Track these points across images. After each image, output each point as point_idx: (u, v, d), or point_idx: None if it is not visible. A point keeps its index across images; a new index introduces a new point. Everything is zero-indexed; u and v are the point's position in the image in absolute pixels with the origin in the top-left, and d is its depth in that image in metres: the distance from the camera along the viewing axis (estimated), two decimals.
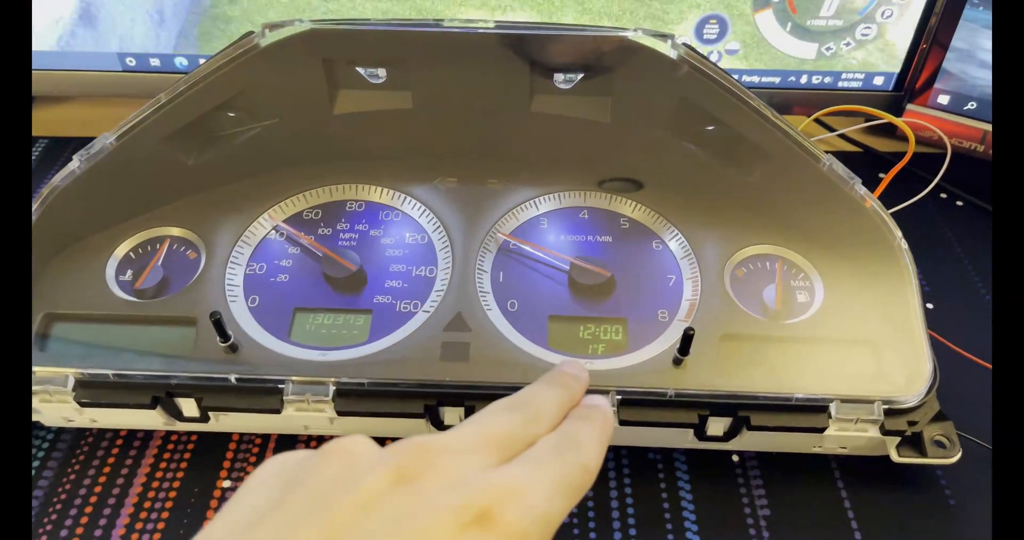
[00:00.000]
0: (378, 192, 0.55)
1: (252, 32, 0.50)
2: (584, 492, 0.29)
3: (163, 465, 0.49)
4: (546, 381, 0.34)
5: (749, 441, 0.48)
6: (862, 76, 0.68)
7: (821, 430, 0.45)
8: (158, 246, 0.52)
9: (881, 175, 0.69)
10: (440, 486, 0.26)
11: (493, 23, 0.49)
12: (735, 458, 0.50)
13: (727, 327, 0.48)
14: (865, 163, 0.71)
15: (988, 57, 0.64)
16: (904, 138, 0.72)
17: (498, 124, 0.55)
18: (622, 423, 0.45)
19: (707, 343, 0.47)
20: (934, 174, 0.63)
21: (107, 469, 0.48)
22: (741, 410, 0.45)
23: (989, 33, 0.63)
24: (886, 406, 0.45)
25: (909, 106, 0.68)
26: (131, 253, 0.52)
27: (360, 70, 0.53)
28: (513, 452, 0.29)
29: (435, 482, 0.27)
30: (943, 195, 0.69)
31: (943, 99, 0.67)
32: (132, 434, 0.50)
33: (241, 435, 0.50)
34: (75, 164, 0.50)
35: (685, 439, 0.48)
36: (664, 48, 0.49)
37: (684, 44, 0.49)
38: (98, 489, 0.47)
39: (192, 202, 0.54)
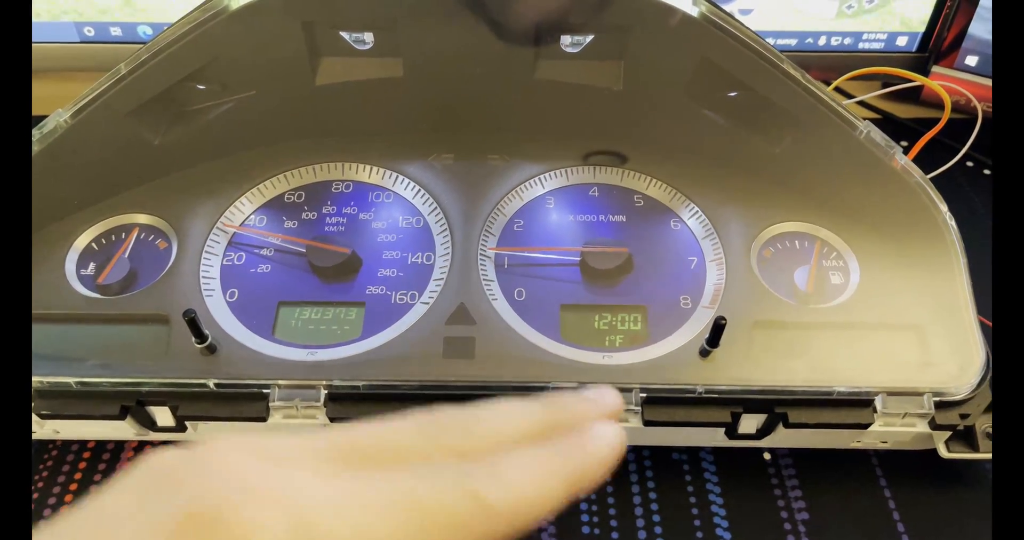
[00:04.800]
0: (367, 171, 0.50)
1: None
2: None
3: None
4: (539, 400, 0.25)
5: (783, 438, 0.43)
6: (884, 37, 0.63)
7: (866, 426, 0.41)
8: (123, 236, 0.47)
9: (904, 144, 0.65)
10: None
11: None
12: (767, 456, 0.46)
13: (757, 314, 0.44)
14: (886, 131, 0.67)
15: None
16: (928, 103, 0.68)
17: (498, 93, 0.50)
18: (647, 423, 0.41)
19: (737, 332, 0.43)
20: (958, 141, 0.58)
21: (74, 486, 0.44)
22: (778, 406, 0.41)
23: None
24: (936, 398, 0.41)
25: (934, 68, 0.64)
26: (93, 244, 0.47)
27: (344, 35, 0.48)
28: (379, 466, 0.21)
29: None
30: (969, 164, 0.65)
31: (971, 60, 0.63)
32: (101, 445, 0.46)
33: None
34: None
35: (713, 438, 0.44)
36: (684, 3, 0.44)
37: None
38: (64, 509, 0.42)
39: (160, 186, 0.49)
